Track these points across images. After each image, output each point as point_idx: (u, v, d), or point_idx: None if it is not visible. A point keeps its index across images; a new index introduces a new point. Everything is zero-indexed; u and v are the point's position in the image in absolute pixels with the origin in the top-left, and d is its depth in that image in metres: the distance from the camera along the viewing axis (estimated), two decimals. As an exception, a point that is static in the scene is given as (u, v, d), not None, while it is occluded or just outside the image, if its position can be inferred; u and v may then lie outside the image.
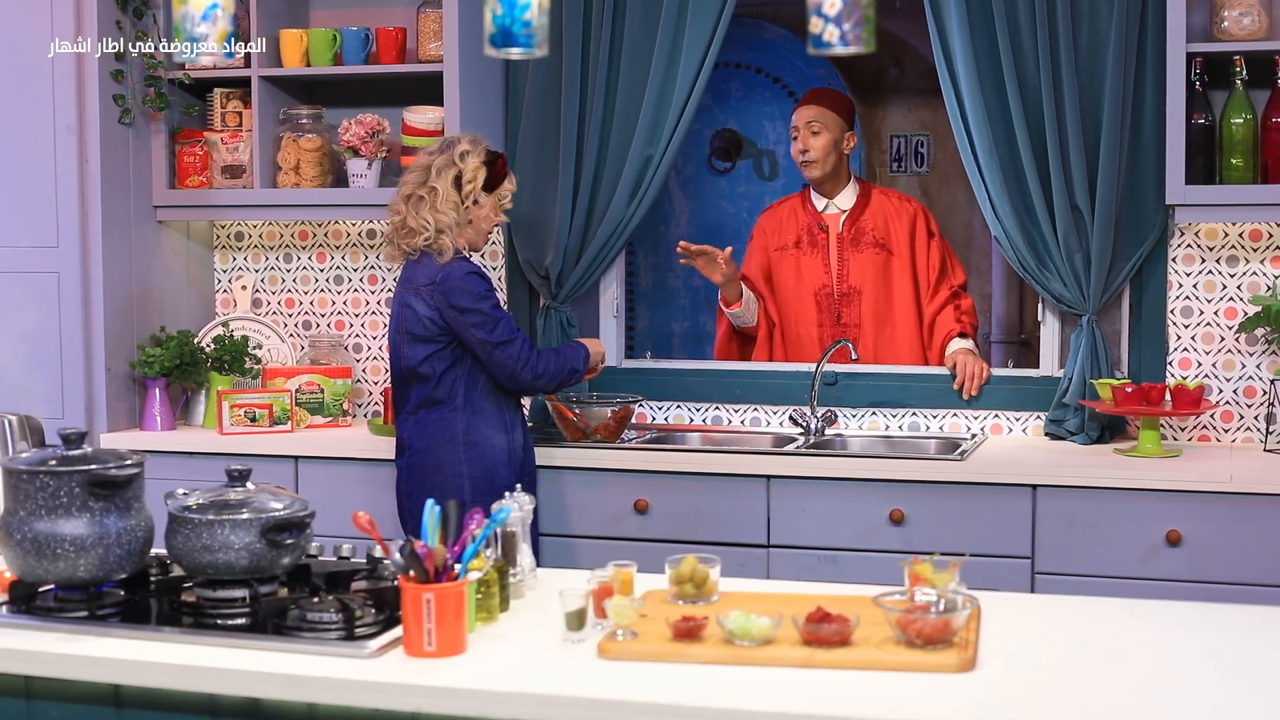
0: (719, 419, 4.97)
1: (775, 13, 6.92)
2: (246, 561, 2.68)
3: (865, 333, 4.96)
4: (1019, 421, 4.71)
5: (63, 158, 4.80)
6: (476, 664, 2.45)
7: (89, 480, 2.66)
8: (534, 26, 2.15)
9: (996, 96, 4.51)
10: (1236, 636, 2.60)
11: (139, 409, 4.98)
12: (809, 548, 4.31)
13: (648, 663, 2.43)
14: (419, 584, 2.47)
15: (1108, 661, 2.45)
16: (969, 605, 2.47)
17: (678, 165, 7.11)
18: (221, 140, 5.04)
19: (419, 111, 4.86)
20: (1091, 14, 4.42)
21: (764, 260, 5.13)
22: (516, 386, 4.17)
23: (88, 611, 2.69)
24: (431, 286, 4.10)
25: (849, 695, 2.28)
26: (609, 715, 2.29)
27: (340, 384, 5.03)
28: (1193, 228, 4.51)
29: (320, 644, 2.52)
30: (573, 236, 4.88)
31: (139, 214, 5.00)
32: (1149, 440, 4.29)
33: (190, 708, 2.51)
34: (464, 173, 4.10)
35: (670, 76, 4.78)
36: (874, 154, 7.05)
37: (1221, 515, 3.99)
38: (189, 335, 4.99)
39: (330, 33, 4.94)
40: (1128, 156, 4.44)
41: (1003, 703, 2.26)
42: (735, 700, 2.27)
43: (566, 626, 2.55)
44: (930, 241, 5.00)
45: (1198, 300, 4.53)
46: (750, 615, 2.45)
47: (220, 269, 5.41)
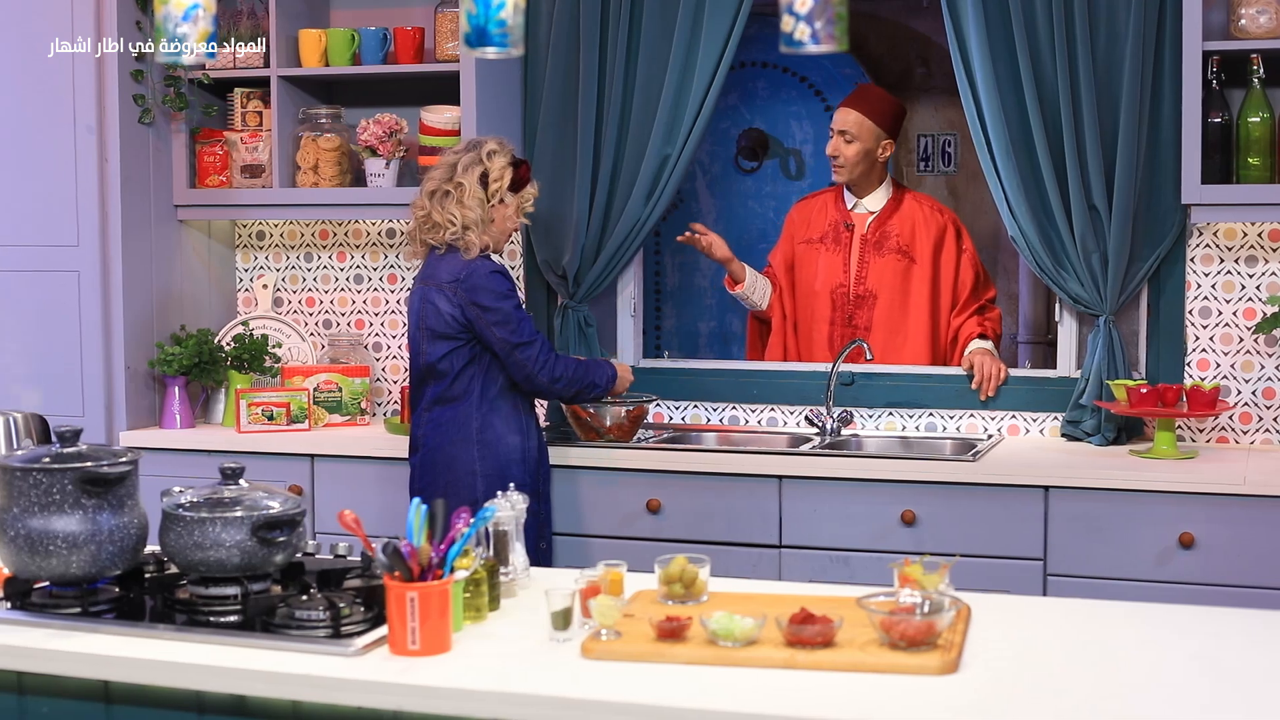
0: (736, 419, 4.96)
1: (802, 12, 6.89)
2: (238, 559, 2.69)
3: (875, 337, 4.89)
4: (1036, 422, 4.68)
5: (83, 157, 4.83)
6: (460, 663, 2.46)
7: (81, 478, 2.68)
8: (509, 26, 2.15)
9: (1014, 96, 4.48)
10: (1231, 641, 2.58)
11: (159, 407, 5.01)
12: (821, 548, 4.29)
13: (631, 663, 2.43)
14: (403, 583, 2.47)
15: (1096, 665, 2.43)
16: (955, 607, 2.46)
17: (704, 164, 7.10)
18: (241, 140, 5.06)
19: (436, 111, 4.88)
20: (1109, 13, 4.39)
21: (789, 251, 5.12)
22: (533, 389, 4.18)
23: (80, 608, 2.71)
24: (455, 283, 4.10)
25: (829, 697, 2.27)
26: (589, 715, 2.29)
27: (358, 383, 5.05)
28: (1211, 227, 4.46)
29: (306, 642, 2.53)
30: (590, 236, 4.88)
31: (159, 213, 5.03)
32: (1164, 442, 4.25)
33: (177, 704, 2.52)
34: (490, 171, 4.12)
35: (687, 76, 4.78)
36: (901, 153, 7.01)
37: (1235, 518, 3.95)
38: (208, 334, 5.02)
39: (348, 33, 4.96)
40: (1145, 156, 4.41)
41: (981, 706, 2.24)
42: (715, 701, 2.26)
43: (552, 626, 2.55)
44: (962, 256, 4.95)
45: (1216, 300, 4.49)
46: (734, 616, 2.44)
47: (242, 268, 5.44)
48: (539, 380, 4.14)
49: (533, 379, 4.13)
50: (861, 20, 6.87)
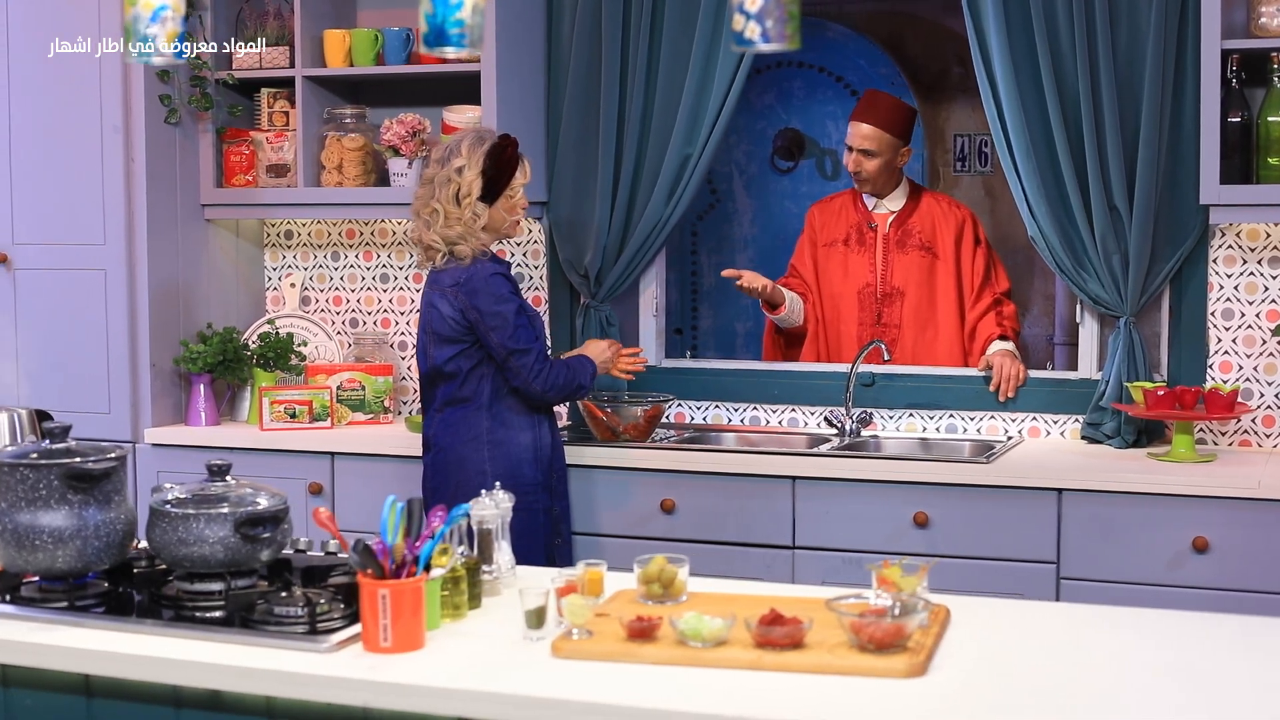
0: (757, 419, 4.94)
1: (838, 11, 6.88)
2: (223, 555, 2.71)
3: (905, 334, 4.93)
4: (1057, 424, 4.64)
5: (109, 157, 4.89)
6: (430, 660, 2.47)
7: (66, 473, 2.71)
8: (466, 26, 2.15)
9: (1034, 96, 4.44)
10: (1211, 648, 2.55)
11: (185, 404, 5.06)
12: (834, 550, 4.28)
13: (600, 662, 2.43)
14: (375, 580, 2.48)
15: (1070, 670, 2.41)
16: (927, 609, 2.44)
17: (741, 165, 7.09)
18: (267, 140, 5.10)
19: (458, 111, 4.89)
20: (1130, 12, 4.34)
21: (813, 253, 5.11)
22: (527, 395, 4.17)
23: (67, 602, 2.75)
24: (456, 287, 4.12)
25: (794, 698, 2.26)
26: (554, 715, 2.29)
27: (381, 381, 5.07)
28: (1234, 228, 4.41)
29: (282, 638, 2.55)
30: (612, 235, 4.89)
31: (186, 212, 5.07)
32: (1182, 445, 4.20)
33: (155, 698, 2.55)
34: (461, 187, 4.11)
35: (708, 76, 4.77)
36: (937, 153, 6.97)
37: (1249, 522, 3.90)
38: (232, 332, 5.06)
39: (372, 33, 4.99)
40: (1167, 156, 4.36)
41: (944, 709, 2.23)
42: (680, 702, 2.26)
43: (526, 625, 2.55)
44: (977, 249, 4.96)
45: (1239, 302, 4.43)
46: (703, 616, 2.43)
47: (270, 267, 5.48)
48: (533, 388, 4.13)
49: (528, 386, 4.13)
50: (899, 20, 6.85)
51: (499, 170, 4.13)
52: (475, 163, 4.11)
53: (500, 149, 4.13)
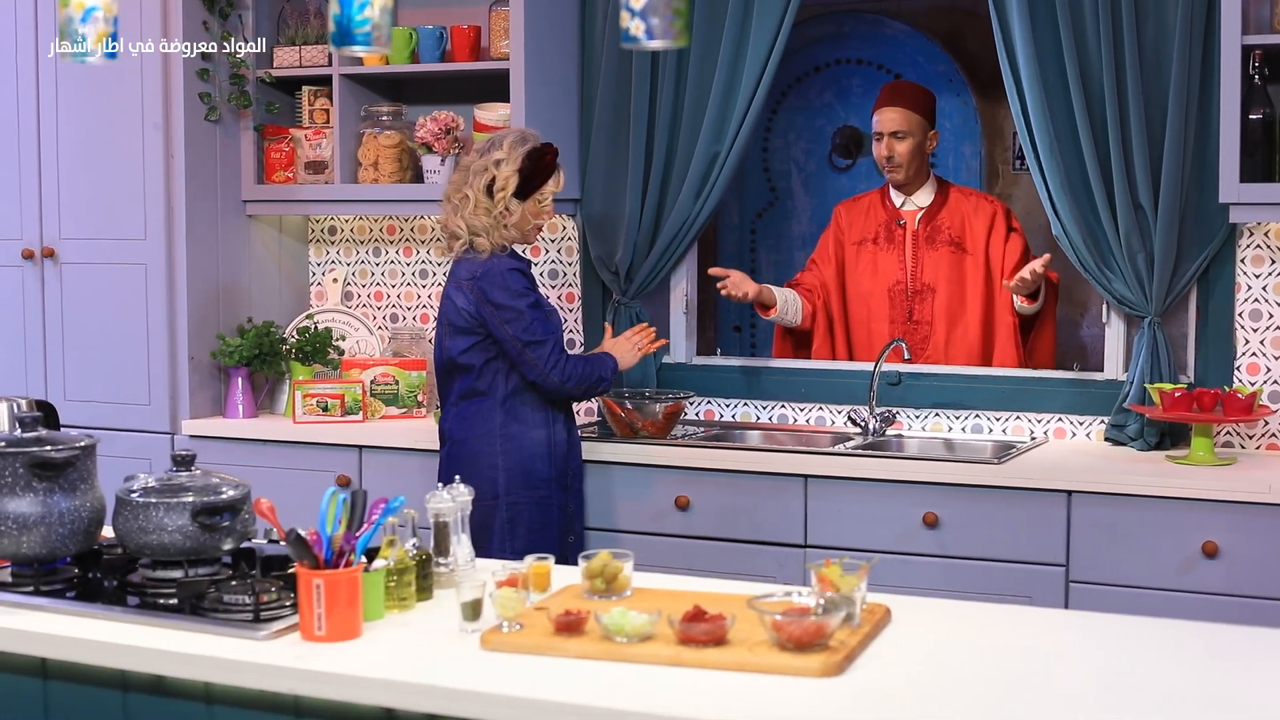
0: (784, 417, 4.93)
1: (897, 8, 6.82)
2: (182, 543, 2.77)
3: (937, 330, 4.91)
4: (1082, 426, 4.58)
5: (150, 154, 4.99)
6: (362, 650, 2.50)
7: (30, 461, 2.79)
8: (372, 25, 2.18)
9: (1059, 93, 4.39)
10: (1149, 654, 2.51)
11: (223, 397, 5.15)
12: (845, 549, 4.23)
13: (526, 655, 2.45)
14: (310, 570, 2.52)
15: (995, 674, 2.39)
16: (848, 608, 2.43)
17: (799, 162, 7.06)
18: (306, 137, 5.18)
19: (489, 109, 4.94)
20: (1158, 8, 4.27)
21: (839, 252, 5.09)
22: (545, 388, 4.19)
23: (34, 587, 2.82)
24: (472, 281, 4.16)
25: (710, 695, 2.26)
26: (474, 706, 2.32)
27: (415, 376, 5.13)
28: (1262, 228, 4.32)
29: (225, 625, 2.60)
30: (642, 232, 4.90)
31: (226, 208, 5.17)
32: (1201, 447, 4.13)
33: (104, 682, 2.61)
34: (496, 179, 4.15)
35: (736, 74, 4.77)
36: (996, 151, 6.89)
37: (1261, 527, 3.82)
38: (270, 326, 5.15)
39: (407, 31, 5.04)
40: (1193, 154, 4.28)
41: (853, 709, 2.22)
42: (598, 697, 2.27)
43: (463, 617, 2.58)
44: (1010, 236, 4.91)
45: (1267, 303, 4.34)
46: (629, 611, 2.45)
47: (314, 262, 5.56)
48: (550, 380, 4.16)
49: (546, 378, 4.15)
50: (957, 16, 6.77)
51: (535, 171, 4.18)
52: (514, 159, 4.16)
53: (540, 152, 4.20)
